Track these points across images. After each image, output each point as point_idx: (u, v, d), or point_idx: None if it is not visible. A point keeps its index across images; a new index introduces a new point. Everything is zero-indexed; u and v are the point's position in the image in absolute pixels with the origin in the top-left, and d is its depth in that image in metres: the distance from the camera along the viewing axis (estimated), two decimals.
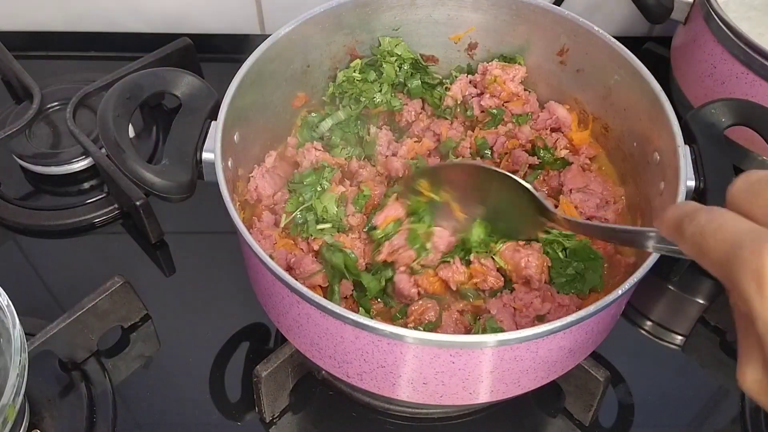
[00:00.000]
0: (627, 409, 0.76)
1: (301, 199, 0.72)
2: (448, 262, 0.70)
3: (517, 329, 0.67)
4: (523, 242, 0.70)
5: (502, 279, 0.70)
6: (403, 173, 0.77)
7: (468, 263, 0.70)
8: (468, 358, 0.57)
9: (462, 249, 0.71)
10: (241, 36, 1.10)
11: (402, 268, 0.70)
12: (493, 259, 0.70)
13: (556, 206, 0.73)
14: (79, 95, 0.93)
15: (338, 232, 0.71)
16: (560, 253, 0.71)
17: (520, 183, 0.66)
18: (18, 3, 1.08)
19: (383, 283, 0.70)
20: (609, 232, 0.59)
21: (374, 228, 0.71)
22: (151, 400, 0.76)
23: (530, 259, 0.68)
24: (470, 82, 0.85)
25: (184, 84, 0.69)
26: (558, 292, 0.70)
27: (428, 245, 0.70)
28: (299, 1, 0.87)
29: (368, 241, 0.72)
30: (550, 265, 0.70)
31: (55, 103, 0.98)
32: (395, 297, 0.70)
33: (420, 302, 0.68)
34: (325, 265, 0.69)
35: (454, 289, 0.69)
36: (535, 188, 0.75)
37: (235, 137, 0.71)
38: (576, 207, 0.75)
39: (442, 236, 0.71)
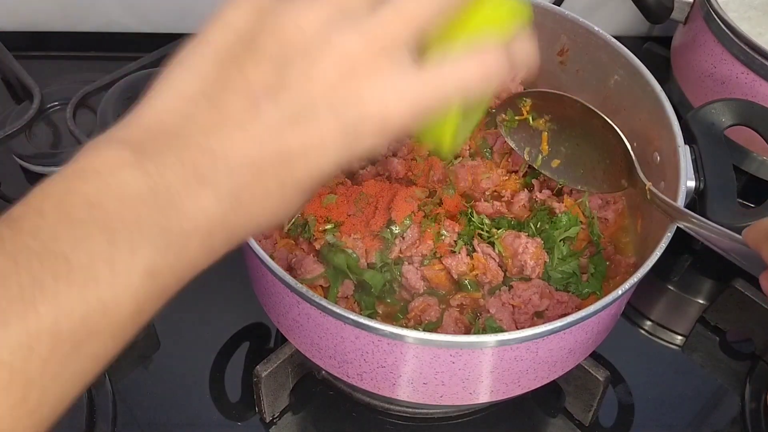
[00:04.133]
0: (627, 409, 0.76)
1: None
2: (454, 252, 0.70)
3: (516, 327, 0.67)
4: (526, 233, 0.71)
5: (502, 274, 0.70)
6: (404, 174, 0.77)
7: (472, 250, 0.70)
8: (468, 358, 0.57)
9: (466, 234, 0.72)
10: None
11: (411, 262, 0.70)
12: (493, 245, 0.70)
13: (561, 202, 0.74)
14: (79, 95, 0.93)
15: (339, 232, 0.72)
16: (563, 249, 0.71)
17: (623, 143, 0.69)
18: (18, 3, 1.08)
19: (387, 279, 0.70)
20: (681, 214, 0.61)
21: (392, 222, 0.71)
22: (151, 400, 0.76)
23: (528, 246, 0.69)
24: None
25: None
26: (556, 289, 0.70)
27: (443, 231, 0.71)
28: None
29: (371, 240, 0.72)
30: (547, 260, 0.70)
31: (55, 103, 0.98)
32: (401, 292, 0.70)
33: (421, 299, 0.68)
34: (327, 266, 0.69)
35: (455, 278, 0.70)
36: (544, 187, 0.76)
37: None
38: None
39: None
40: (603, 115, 0.70)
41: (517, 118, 0.76)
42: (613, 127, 0.69)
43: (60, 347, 0.30)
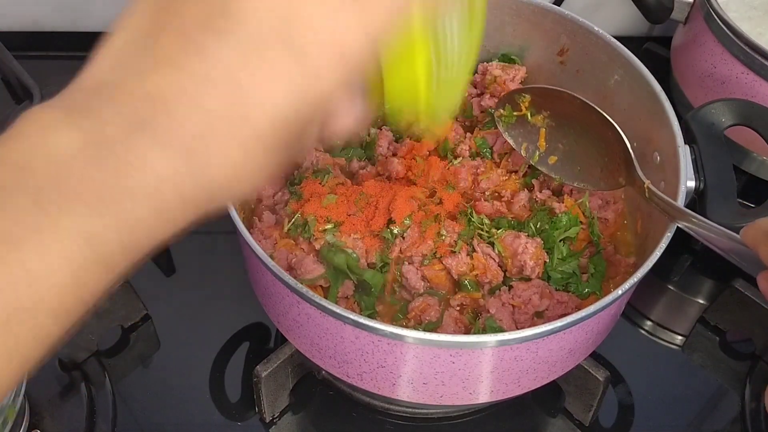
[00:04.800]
0: (627, 409, 0.76)
1: (301, 200, 0.73)
2: (454, 252, 0.70)
3: (516, 327, 0.67)
4: (526, 234, 0.71)
5: (502, 274, 0.70)
6: (404, 174, 0.77)
7: (472, 250, 0.70)
8: (468, 358, 0.57)
9: (466, 234, 0.72)
10: None
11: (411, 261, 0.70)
12: (492, 245, 0.70)
13: (561, 202, 0.74)
14: None
15: (339, 232, 0.71)
16: (563, 249, 0.71)
17: (622, 140, 0.69)
18: (18, 3, 1.08)
19: (387, 279, 0.70)
20: (680, 212, 0.61)
21: (392, 222, 0.71)
22: (151, 400, 0.76)
23: (528, 246, 0.69)
24: (470, 82, 0.85)
25: None
26: (556, 289, 0.70)
27: (443, 231, 0.71)
28: None
29: (371, 240, 0.72)
30: (546, 260, 0.70)
31: None
32: (401, 292, 0.70)
33: (421, 299, 0.68)
34: (327, 266, 0.69)
35: (455, 278, 0.70)
36: (544, 187, 0.76)
37: None
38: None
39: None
40: (602, 112, 0.70)
41: (515, 113, 0.76)
42: (612, 125, 0.69)
43: None
